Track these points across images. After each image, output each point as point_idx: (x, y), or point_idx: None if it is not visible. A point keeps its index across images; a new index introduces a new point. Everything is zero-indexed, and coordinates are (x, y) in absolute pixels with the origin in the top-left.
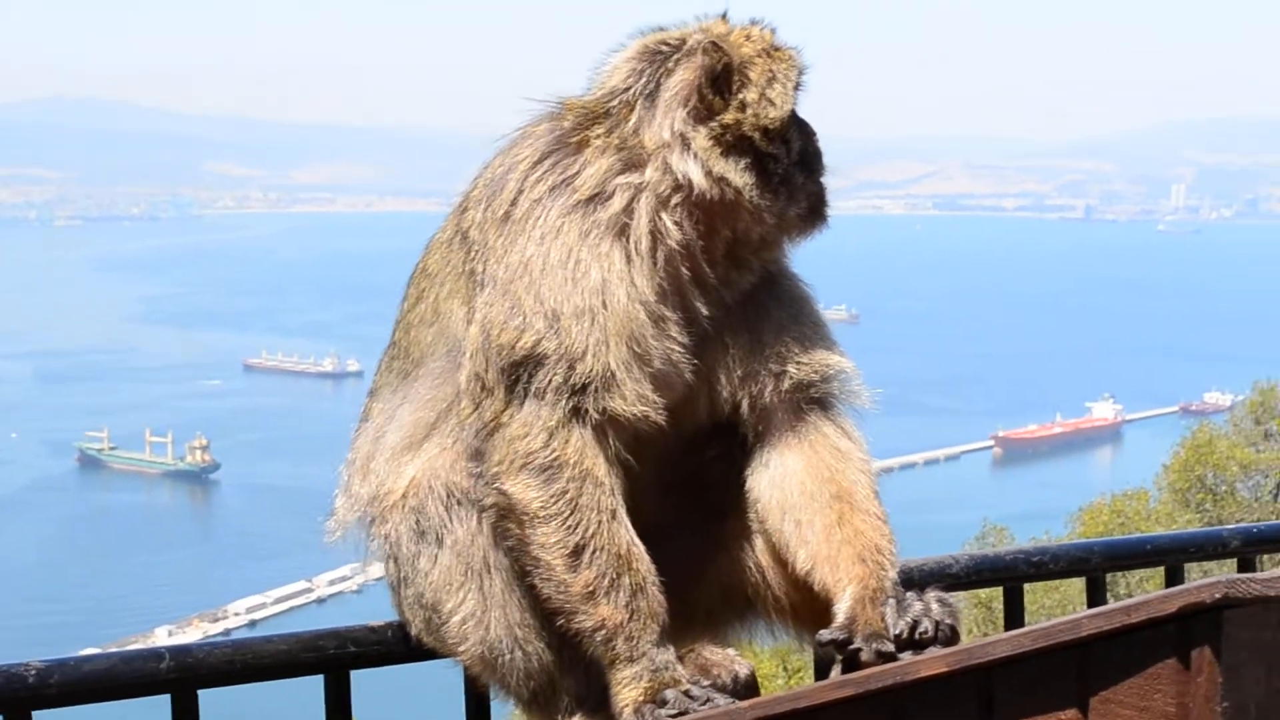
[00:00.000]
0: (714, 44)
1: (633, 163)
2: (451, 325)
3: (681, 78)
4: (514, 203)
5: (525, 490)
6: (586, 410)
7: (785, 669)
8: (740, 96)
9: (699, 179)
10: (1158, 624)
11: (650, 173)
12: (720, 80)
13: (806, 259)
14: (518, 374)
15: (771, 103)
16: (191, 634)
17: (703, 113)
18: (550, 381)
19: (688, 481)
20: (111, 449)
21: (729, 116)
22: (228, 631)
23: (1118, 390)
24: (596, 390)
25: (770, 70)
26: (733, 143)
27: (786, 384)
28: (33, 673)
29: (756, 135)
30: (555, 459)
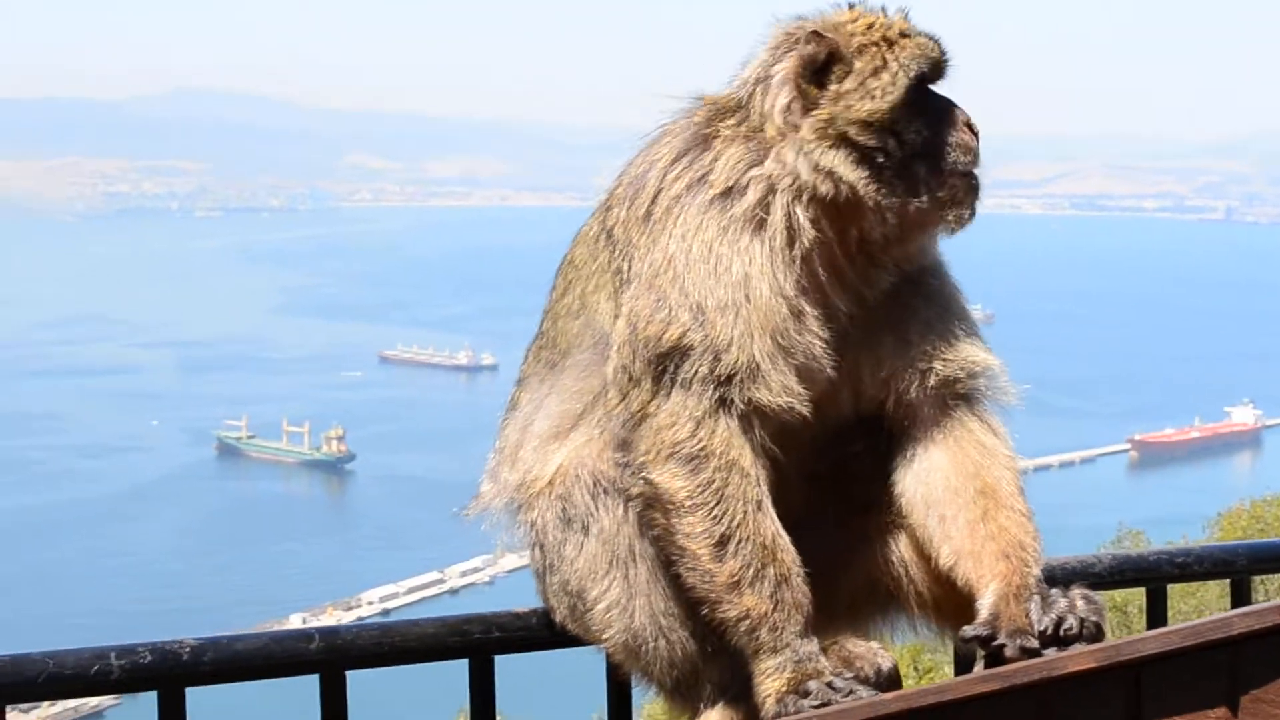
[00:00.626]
0: (815, 33)
1: (761, 154)
2: (598, 318)
3: (785, 67)
4: (654, 201)
5: (672, 479)
6: (732, 401)
7: (915, 669)
8: (835, 88)
9: (806, 173)
10: None
11: (770, 164)
12: (823, 70)
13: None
14: (664, 365)
15: (870, 94)
16: (326, 622)
17: (805, 104)
18: (696, 372)
19: (832, 474)
20: (250, 438)
21: (825, 109)
22: (361, 620)
23: (1257, 395)
24: (742, 381)
25: (881, 59)
26: (837, 135)
27: (933, 380)
28: (187, 650)
29: (852, 129)
30: (702, 449)
